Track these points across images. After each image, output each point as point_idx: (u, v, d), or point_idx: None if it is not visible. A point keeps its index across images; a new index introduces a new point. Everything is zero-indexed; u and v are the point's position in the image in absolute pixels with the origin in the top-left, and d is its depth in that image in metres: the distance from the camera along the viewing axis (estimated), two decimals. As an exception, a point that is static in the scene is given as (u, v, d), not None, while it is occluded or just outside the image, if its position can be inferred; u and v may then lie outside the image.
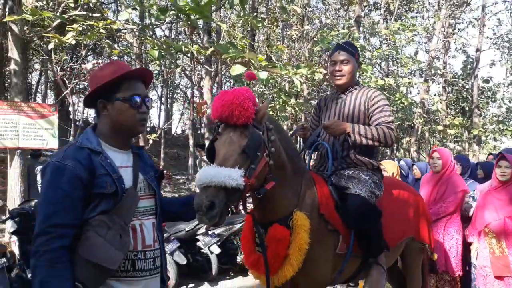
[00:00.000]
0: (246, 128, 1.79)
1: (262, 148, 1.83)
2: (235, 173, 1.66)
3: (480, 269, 3.45)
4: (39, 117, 6.73)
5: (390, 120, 2.36)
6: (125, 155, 1.63)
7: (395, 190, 2.67)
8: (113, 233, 1.43)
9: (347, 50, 2.50)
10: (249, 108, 1.77)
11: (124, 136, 1.63)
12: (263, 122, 1.89)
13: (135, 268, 1.54)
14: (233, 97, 1.76)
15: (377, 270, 2.26)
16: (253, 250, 2.12)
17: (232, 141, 1.77)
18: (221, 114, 1.78)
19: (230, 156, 1.74)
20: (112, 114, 1.58)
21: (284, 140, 2.07)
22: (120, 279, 1.51)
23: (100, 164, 1.50)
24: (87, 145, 1.52)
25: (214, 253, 5.13)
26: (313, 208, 2.11)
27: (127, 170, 1.59)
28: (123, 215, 1.49)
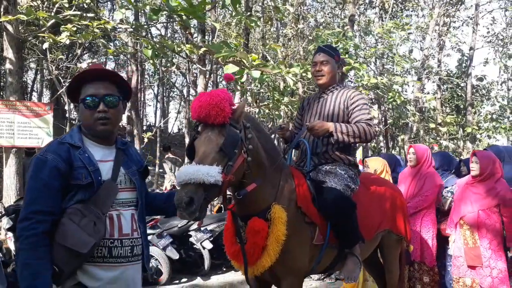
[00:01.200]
0: (224, 127, 1.90)
1: (240, 145, 1.94)
2: (213, 170, 1.76)
3: (454, 259, 3.63)
4: (34, 116, 6.82)
5: (369, 118, 2.49)
6: (108, 150, 1.73)
7: (372, 185, 2.79)
8: (87, 221, 1.55)
9: (326, 52, 2.65)
10: (225, 108, 1.88)
11: (94, 134, 1.71)
12: (240, 121, 2.00)
13: (112, 254, 1.63)
14: (210, 98, 1.87)
15: (352, 260, 2.38)
16: (234, 242, 2.24)
17: (211, 140, 1.88)
18: (199, 114, 1.89)
19: (208, 154, 1.85)
20: (79, 116, 1.72)
21: (262, 138, 2.19)
22: (97, 265, 1.61)
23: (78, 157, 1.62)
24: (67, 141, 1.65)
25: (207, 248, 5.25)
26: (291, 201, 2.23)
27: (108, 164, 1.69)
28: (100, 205, 1.60)
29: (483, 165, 3.51)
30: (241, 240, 2.16)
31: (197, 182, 1.73)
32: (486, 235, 3.45)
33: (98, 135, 1.71)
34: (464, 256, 3.53)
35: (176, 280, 5.22)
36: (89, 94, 1.66)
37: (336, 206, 2.27)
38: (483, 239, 3.45)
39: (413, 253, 3.82)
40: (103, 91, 1.67)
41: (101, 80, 1.70)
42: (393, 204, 2.85)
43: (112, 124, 1.70)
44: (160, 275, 4.96)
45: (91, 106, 1.66)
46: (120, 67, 23.43)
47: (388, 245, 2.89)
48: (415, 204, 3.88)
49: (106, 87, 1.69)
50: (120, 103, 1.74)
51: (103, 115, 1.66)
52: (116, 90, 1.73)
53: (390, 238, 2.86)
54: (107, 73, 1.75)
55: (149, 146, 13.88)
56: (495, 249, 3.45)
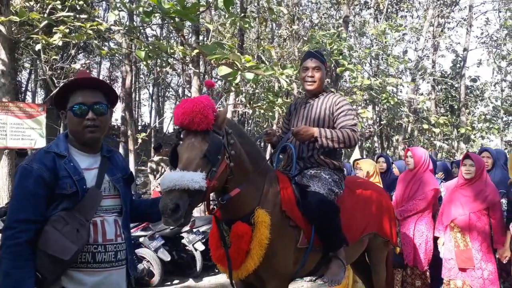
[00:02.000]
0: (207, 134, 1.93)
1: (223, 151, 1.97)
2: (198, 177, 1.78)
3: (445, 262, 3.65)
4: (27, 117, 6.79)
5: (353, 123, 2.52)
6: (93, 158, 1.75)
7: (358, 189, 2.81)
8: (70, 228, 1.57)
9: (318, 58, 2.67)
10: (208, 115, 1.90)
11: (81, 143, 1.73)
12: (223, 127, 2.03)
13: (95, 259, 1.65)
14: (193, 105, 1.89)
15: (336, 264, 2.40)
16: (219, 246, 2.26)
17: (194, 146, 1.90)
18: (182, 121, 1.91)
19: (192, 160, 1.87)
20: (67, 123, 1.73)
21: (245, 143, 2.21)
22: (81, 270, 1.63)
23: (63, 167, 1.63)
24: (53, 150, 1.67)
25: (199, 250, 5.27)
26: (275, 205, 2.26)
27: (93, 172, 1.71)
28: (84, 212, 1.63)
29: (478, 168, 3.54)
30: (225, 245, 2.18)
31: (181, 188, 1.75)
32: (477, 238, 3.49)
33: (86, 142, 1.72)
34: (455, 259, 3.55)
35: (168, 282, 5.23)
36: (78, 102, 1.68)
37: (320, 210, 2.30)
38: (474, 242, 3.49)
39: (406, 257, 3.85)
40: (91, 99, 1.70)
41: (89, 89, 1.72)
42: (379, 207, 2.88)
43: (100, 132, 1.73)
44: (152, 277, 4.97)
45: (80, 114, 1.68)
46: (115, 67, 23.39)
47: (375, 248, 2.92)
48: (408, 207, 3.90)
49: (95, 96, 1.72)
50: (108, 111, 1.77)
51: (91, 123, 1.68)
52: (103, 98, 1.75)
53: (376, 241, 2.89)
54: (96, 82, 1.78)
55: (144, 147, 13.86)
56: (486, 251, 3.49)
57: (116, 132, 16.58)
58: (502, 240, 3.47)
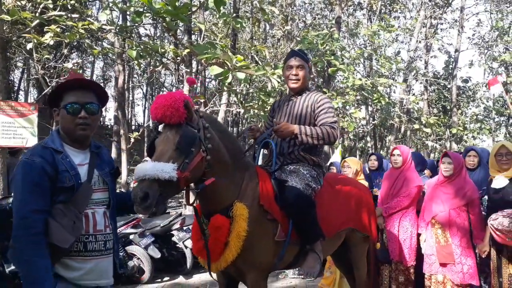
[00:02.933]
0: (180, 127, 2.01)
1: (197, 144, 2.04)
2: (168, 167, 1.86)
3: (426, 257, 3.75)
4: (18, 115, 6.82)
5: (333, 121, 2.60)
6: (84, 154, 1.86)
7: (338, 185, 2.89)
8: (68, 220, 1.69)
9: (301, 56, 2.75)
10: (179, 108, 1.98)
11: (73, 139, 1.83)
12: (197, 120, 2.10)
13: (87, 248, 1.78)
14: (165, 100, 2.00)
15: (313, 257, 2.48)
16: (200, 239, 2.32)
17: (168, 138, 1.99)
18: (156, 115, 2.02)
19: (165, 152, 1.96)
20: (60, 121, 1.83)
21: (224, 138, 2.29)
22: (73, 258, 1.75)
23: (61, 162, 1.74)
24: (50, 146, 1.77)
25: (189, 247, 5.31)
26: (254, 199, 2.33)
27: (84, 167, 1.83)
28: (78, 205, 1.74)
29: (456, 165, 3.64)
30: (204, 237, 2.25)
31: (151, 178, 1.83)
32: (457, 233, 3.58)
33: (77, 139, 1.83)
34: (436, 254, 3.64)
35: (158, 279, 5.28)
36: (71, 101, 1.79)
37: (296, 204, 2.38)
38: (454, 237, 3.59)
39: (391, 252, 3.92)
40: (84, 99, 1.81)
41: (82, 89, 1.83)
42: (358, 203, 2.95)
43: (90, 130, 1.84)
44: (142, 274, 5.02)
45: (73, 112, 1.78)
46: (108, 66, 23.36)
47: (354, 243, 3.00)
48: (393, 204, 3.97)
49: (87, 96, 1.83)
50: (99, 111, 1.88)
51: (83, 121, 1.79)
52: (95, 98, 1.86)
53: (356, 236, 2.96)
54: (89, 83, 1.90)
55: (137, 146, 13.87)
56: (465, 246, 3.58)
57: (109, 131, 16.57)
58: (482, 235, 3.56)
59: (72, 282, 1.74)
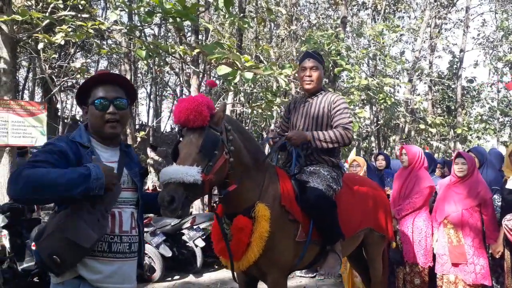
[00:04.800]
0: (203, 130, 2.03)
1: (221, 147, 2.06)
2: (192, 170, 1.87)
3: (439, 257, 3.76)
4: (28, 115, 6.85)
5: (347, 122, 2.64)
6: (113, 151, 1.82)
7: (355, 185, 2.92)
8: (92, 217, 1.62)
9: (315, 58, 2.78)
10: (202, 112, 2.00)
11: (101, 136, 1.78)
12: (220, 123, 2.12)
13: (111, 249, 1.72)
14: (188, 103, 2.01)
15: (333, 257, 2.51)
16: (221, 239, 2.35)
17: (191, 142, 2.01)
18: (179, 119, 2.03)
19: (189, 155, 1.97)
20: (89, 118, 1.78)
21: (245, 140, 2.31)
22: (97, 259, 1.69)
23: (87, 157, 1.68)
24: (77, 140, 1.72)
25: (199, 246, 5.35)
26: (275, 199, 2.35)
27: (113, 165, 1.75)
28: (105, 203, 1.67)
29: (469, 166, 3.65)
30: (226, 238, 2.28)
31: (177, 182, 1.84)
32: (470, 234, 3.60)
33: (106, 136, 1.78)
34: (449, 254, 3.65)
35: (168, 278, 5.31)
36: (100, 96, 1.74)
37: (318, 205, 2.40)
38: (467, 237, 3.60)
39: (405, 254, 3.90)
40: (113, 94, 1.76)
41: (111, 84, 1.78)
42: (375, 204, 2.98)
43: (120, 126, 1.78)
44: (153, 273, 5.05)
45: (101, 108, 1.73)
46: (113, 65, 23.41)
47: (371, 243, 3.03)
48: (405, 206, 3.96)
49: (116, 91, 1.78)
50: (128, 106, 1.83)
51: (112, 117, 1.74)
52: (124, 94, 1.81)
53: (373, 236, 2.99)
54: (117, 78, 1.84)
55: (142, 145, 13.92)
56: (478, 246, 3.60)
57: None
58: (495, 235, 3.57)
59: (94, 285, 1.67)
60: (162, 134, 23.86)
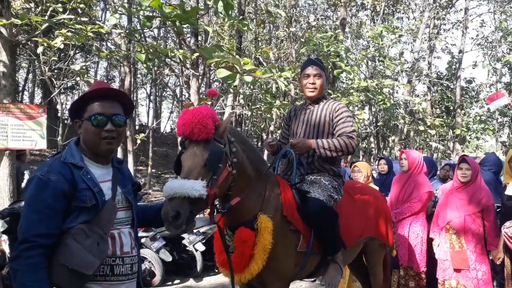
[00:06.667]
0: (208, 143, 1.99)
1: (224, 159, 2.03)
2: (198, 185, 1.84)
3: (440, 263, 3.75)
4: (27, 118, 6.84)
5: (351, 130, 2.61)
6: (105, 169, 1.73)
7: (356, 194, 2.91)
8: (91, 241, 1.54)
9: (318, 65, 2.75)
10: (208, 125, 1.96)
11: (96, 154, 1.70)
12: (224, 136, 2.09)
13: (114, 272, 1.65)
14: (192, 116, 1.96)
15: (334, 267, 2.49)
16: (223, 251, 2.33)
17: (196, 155, 1.97)
18: (184, 131, 1.99)
19: (193, 169, 1.93)
20: (82, 133, 1.69)
21: (247, 150, 2.29)
22: (99, 283, 1.62)
23: (82, 178, 1.60)
24: (70, 161, 1.62)
25: (199, 250, 5.35)
26: (277, 209, 2.34)
27: (107, 184, 1.69)
28: (102, 226, 1.60)
29: (473, 171, 3.65)
30: (227, 250, 2.26)
31: (182, 196, 1.80)
32: (472, 239, 3.59)
33: (101, 153, 1.70)
34: (450, 260, 3.65)
35: (169, 282, 5.31)
36: (97, 112, 1.65)
37: (319, 216, 2.38)
38: (469, 243, 3.59)
39: (400, 257, 3.93)
40: (111, 110, 1.68)
41: (108, 99, 1.70)
42: (376, 212, 2.97)
43: (116, 143, 1.72)
44: (153, 277, 5.05)
45: (99, 125, 1.64)
46: (112, 67, 23.40)
47: (372, 251, 3.02)
48: (403, 210, 3.99)
49: (113, 107, 1.70)
50: (126, 123, 1.75)
51: (110, 134, 1.66)
52: (121, 109, 1.74)
53: (373, 244, 2.98)
54: (114, 93, 1.77)
55: (142, 147, 13.91)
56: (480, 252, 3.60)
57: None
58: (496, 242, 3.57)
59: None
60: (162, 135, 23.85)
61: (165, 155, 20.11)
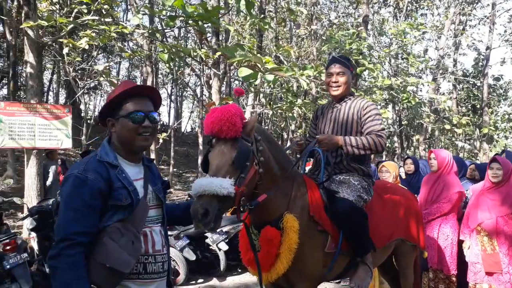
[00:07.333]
0: (236, 141, 1.98)
1: (251, 158, 2.02)
2: (226, 183, 1.84)
3: (471, 266, 3.62)
4: (54, 118, 7.00)
5: (380, 129, 2.54)
6: (137, 168, 1.76)
7: (387, 194, 2.83)
8: (126, 240, 1.57)
9: (342, 62, 2.69)
10: (236, 123, 1.95)
11: (131, 151, 1.73)
12: (252, 134, 2.08)
13: (147, 271, 1.67)
14: (221, 114, 1.96)
15: (364, 269, 2.43)
16: (249, 249, 2.31)
17: (223, 153, 1.96)
18: (212, 129, 1.98)
19: (222, 167, 1.93)
20: (118, 131, 1.70)
21: (273, 149, 2.26)
22: (133, 281, 1.65)
23: (117, 177, 1.63)
24: (105, 159, 1.65)
25: (222, 249, 5.33)
26: (304, 209, 2.30)
27: (139, 182, 1.72)
28: (136, 224, 1.63)
29: (505, 171, 3.52)
30: (254, 249, 2.24)
31: (210, 194, 1.81)
32: (505, 242, 3.45)
33: (136, 149, 1.73)
34: (482, 263, 3.52)
35: (192, 281, 5.31)
36: (136, 109, 1.69)
37: (348, 216, 2.33)
38: (502, 246, 3.46)
39: (430, 259, 3.81)
40: (147, 108, 1.72)
41: (141, 97, 1.74)
42: (407, 213, 2.88)
43: (151, 139, 1.75)
44: (177, 276, 5.06)
45: (137, 121, 1.68)
46: (134, 67, 23.75)
47: (402, 253, 2.93)
48: (431, 211, 3.86)
49: (148, 104, 1.75)
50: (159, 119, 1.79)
51: (146, 130, 1.69)
52: (153, 106, 1.78)
53: (404, 246, 2.90)
54: (149, 91, 1.80)
55: (163, 146, 14.05)
56: (513, 254, 3.46)
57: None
58: (531, 244, 3.43)
59: None
60: (182, 135, 24.07)
61: (186, 155, 20.28)
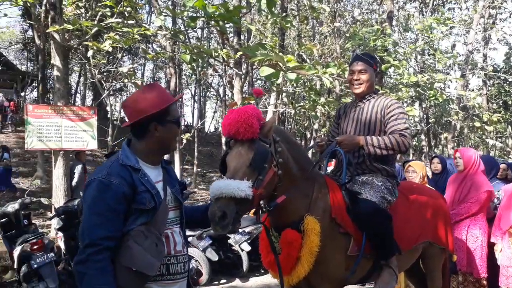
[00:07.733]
0: (253, 143, 1.95)
1: (270, 159, 1.98)
2: (244, 185, 1.81)
3: (503, 269, 3.47)
4: (79, 119, 7.15)
5: (404, 128, 2.44)
6: (157, 170, 1.77)
7: (413, 195, 2.71)
8: (150, 242, 1.58)
9: (364, 60, 2.61)
10: (253, 124, 1.92)
11: (162, 153, 1.82)
12: (270, 135, 2.03)
13: (170, 272, 1.69)
14: (238, 115, 1.93)
15: (388, 272, 2.34)
16: (270, 252, 2.26)
17: (241, 155, 1.94)
18: (229, 131, 1.96)
19: (239, 169, 1.90)
20: (162, 135, 1.70)
21: (293, 149, 2.20)
22: (157, 283, 1.65)
23: (140, 181, 1.63)
24: (128, 163, 1.65)
25: (245, 250, 5.30)
26: (325, 211, 2.23)
27: (159, 185, 1.72)
28: (158, 226, 1.64)
29: None
30: (274, 251, 2.18)
31: (228, 196, 1.79)
32: (538, 244, 3.30)
33: (170, 151, 1.93)
34: (514, 266, 3.37)
35: (215, 281, 5.31)
36: (178, 115, 1.81)
37: (371, 218, 2.25)
38: (535, 248, 3.30)
39: (459, 262, 3.67)
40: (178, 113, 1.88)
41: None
42: (435, 214, 2.76)
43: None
44: (200, 276, 5.07)
45: (180, 126, 1.81)
46: (158, 68, 24.09)
47: (430, 256, 2.82)
48: (459, 211, 3.71)
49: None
50: None
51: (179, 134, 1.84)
52: None
53: (432, 249, 2.78)
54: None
55: (187, 146, 14.18)
56: (547, 258, 3.29)
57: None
58: None
59: None
60: (206, 135, 24.25)
61: (209, 154, 20.43)
